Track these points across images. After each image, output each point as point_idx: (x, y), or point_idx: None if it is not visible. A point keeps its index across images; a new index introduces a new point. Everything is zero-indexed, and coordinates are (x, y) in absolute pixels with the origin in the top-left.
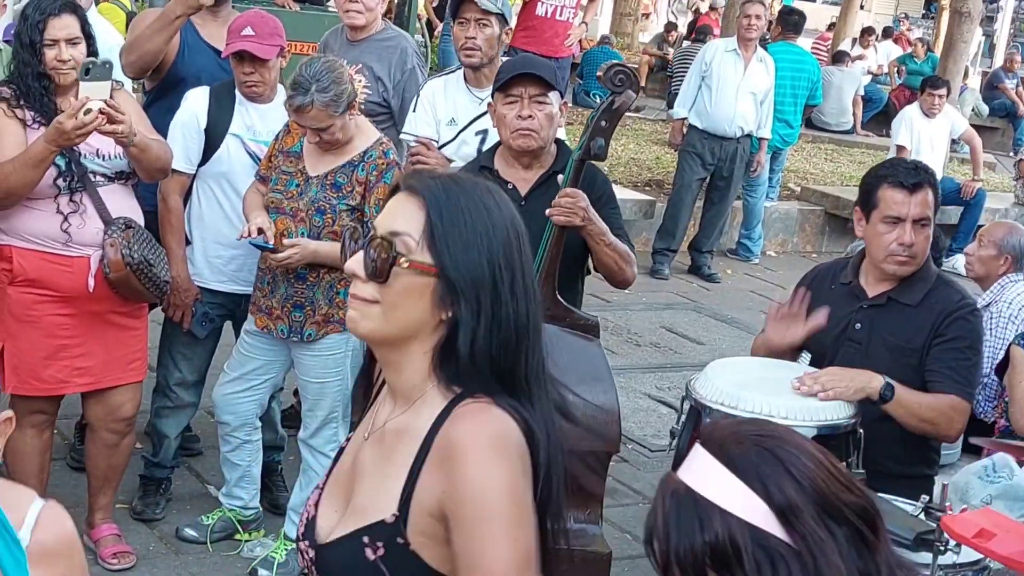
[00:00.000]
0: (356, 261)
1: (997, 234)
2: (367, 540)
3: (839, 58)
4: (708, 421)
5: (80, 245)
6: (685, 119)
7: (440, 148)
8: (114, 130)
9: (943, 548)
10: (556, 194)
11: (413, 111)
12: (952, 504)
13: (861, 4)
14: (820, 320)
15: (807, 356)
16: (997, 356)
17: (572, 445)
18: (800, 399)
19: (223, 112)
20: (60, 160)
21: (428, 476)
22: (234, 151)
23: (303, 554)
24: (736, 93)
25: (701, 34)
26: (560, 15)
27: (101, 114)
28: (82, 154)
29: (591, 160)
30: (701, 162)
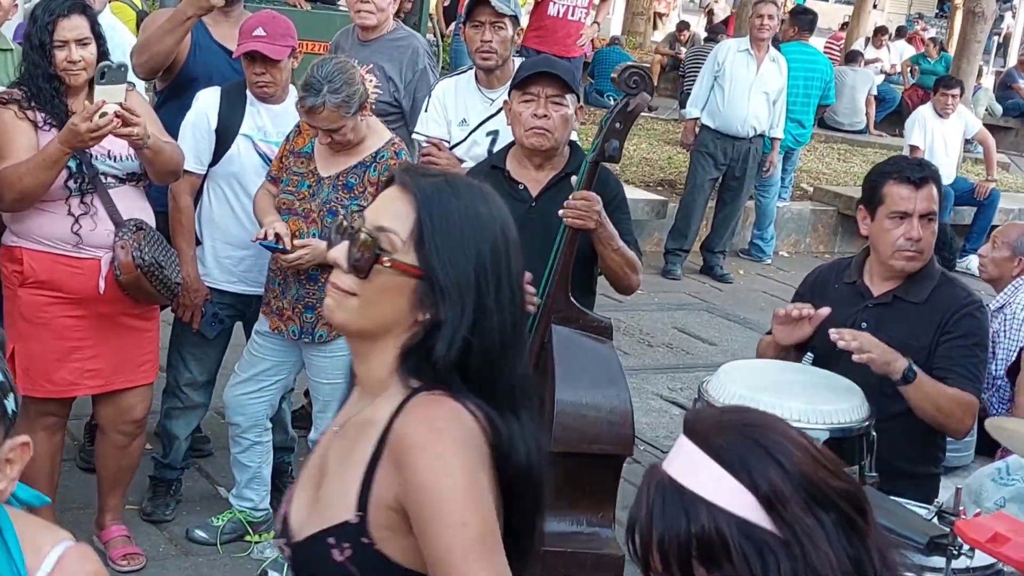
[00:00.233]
0: (340, 251)
1: (1011, 235)
2: (333, 541)
3: (852, 58)
4: (690, 410)
5: (91, 247)
6: (697, 119)
7: (451, 148)
8: (129, 132)
9: (956, 552)
10: (567, 196)
11: (425, 111)
12: (966, 508)
13: (874, 3)
14: (824, 313)
15: (810, 356)
16: (1010, 358)
17: (585, 448)
18: (813, 402)
19: (234, 112)
20: (71, 162)
21: (383, 471)
22: (245, 152)
23: (283, 551)
24: (748, 93)
25: (714, 33)
26: (572, 15)
27: (116, 117)
28: (93, 156)
29: (605, 162)
30: (713, 162)
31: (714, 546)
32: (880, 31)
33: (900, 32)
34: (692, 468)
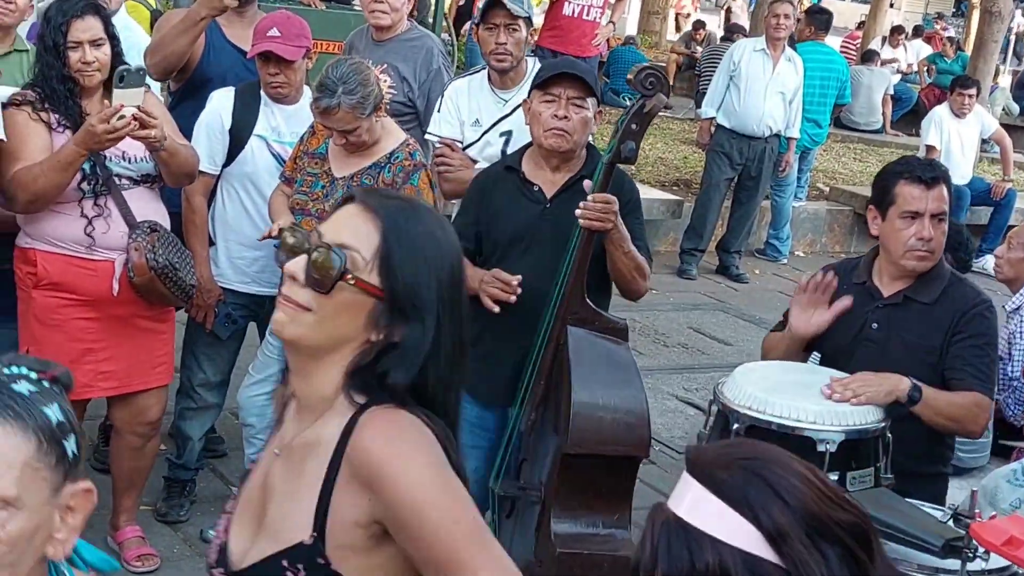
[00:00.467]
0: (298, 264)
1: None
2: (286, 563)
3: (868, 57)
4: (694, 445)
5: (104, 249)
6: (713, 119)
7: (464, 149)
8: (146, 135)
9: (972, 555)
10: (582, 198)
11: (437, 111)
12: (981, 510)
13: (891, 2)
14: (846, 304)
15: (816, 356)
16: None
17: (601, 449)
18: (828, 404)
19: (248, 113)
20: (85, 164)
21: (345, 491)
22: (258, 152)
23: None
24: (764, 92)
25: (730, 32)
26: (587, 15)
27: (133, 119)
28: (107, 157)
29: (621, 163)
30: (729, 162)
31: None
32: (897, 30)
33: (917, 31)
34: (695, 505)
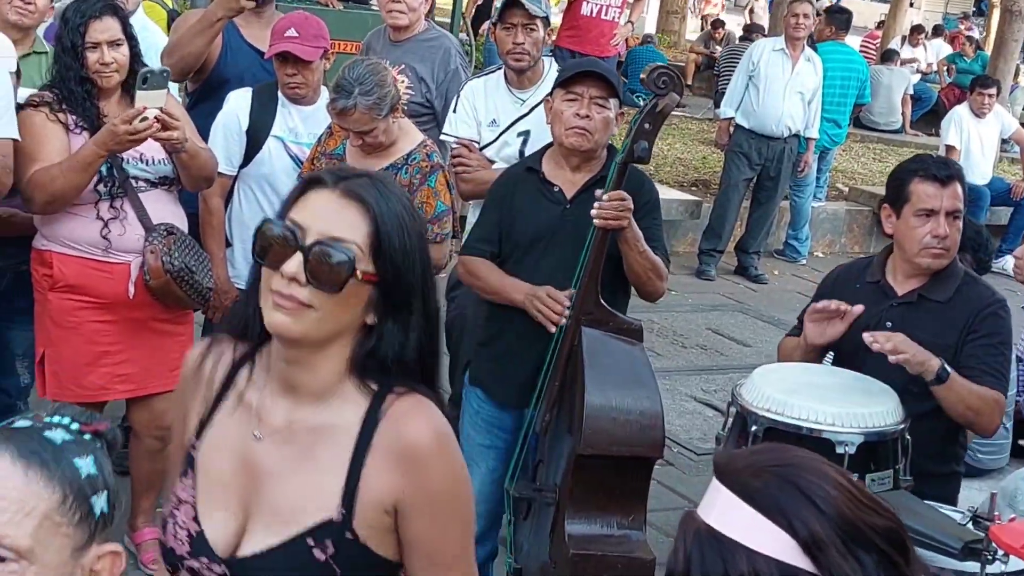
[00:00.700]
0: (295, 264)
1: None
2: (313, 542)
3: (888, 57)
4: (723, 451)
5: (120, 251)
6: (732, 119)
7: (481, 149)
8: (168, 136)
9: (991, 557)
10: None
11: (453, 112)
12: (1001, 512)
13: (911, 2)
14: (858, 310)
15: (831, 356)
16: None
17: (615, 451)
18: (848, 406)
19: (265, 114)
20: (102, 166)
21: (377, 473)
22: (276, 153)
23: (195, 573)
24: (783, 92)
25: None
26: (605, 14)
27: (156, 121)
28: (125, 159)
29: (634, 163)
30: (748, 162)
31: None
32: (916, 30)
33: (937, 31)
34: (727, 513)
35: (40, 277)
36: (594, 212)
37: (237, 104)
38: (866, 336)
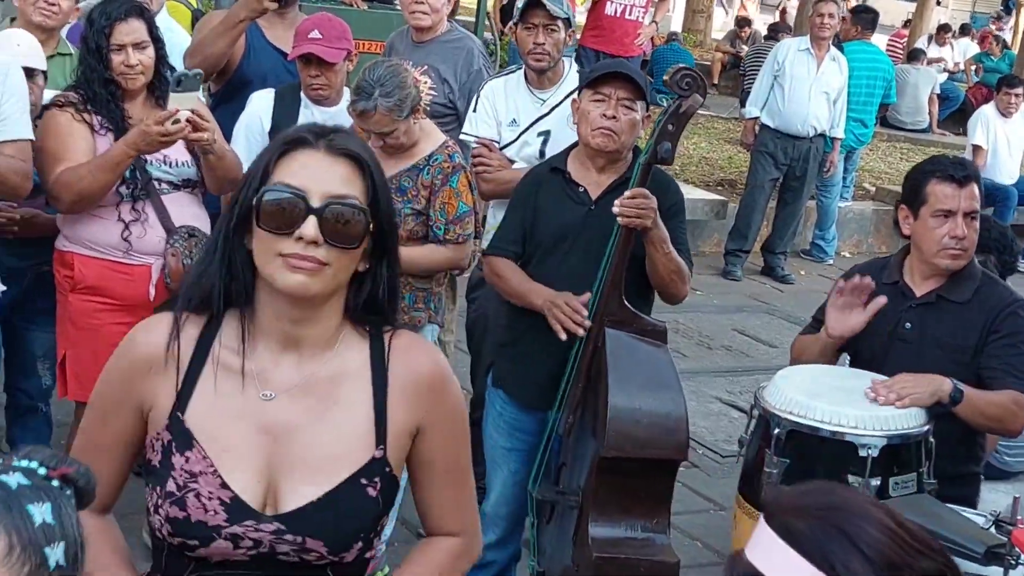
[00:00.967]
0: (313, 227)
1: None
2: (365, 481)
3: (915, 56)
4: (772, 488)
5: (141, 254)
6: (757, 118)
7: (502, 149)
8: (199, 138)
9: (1014, 562)
10: None
11: (473, 111)
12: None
13: (938, 1)
14: (882, 302)
15: (847, 358)
16: None
17: (639, 453)
18: (870, 408)
19: (288, 115)
20: None
21: (399, 406)
22: None
23: (237, 539)
24: (809, 92)
25: (775, 31)
26: (629, 14)
27: (187, 123)
28: (148, 161)
29: (657, 164)
30: (774, 162)
31: None
32: (943, 29)
33: (964, 30)
34: (772, 557)
35: (61, 278)
36: (616, 210)
37: (260, 105)
38: (868, 393)
